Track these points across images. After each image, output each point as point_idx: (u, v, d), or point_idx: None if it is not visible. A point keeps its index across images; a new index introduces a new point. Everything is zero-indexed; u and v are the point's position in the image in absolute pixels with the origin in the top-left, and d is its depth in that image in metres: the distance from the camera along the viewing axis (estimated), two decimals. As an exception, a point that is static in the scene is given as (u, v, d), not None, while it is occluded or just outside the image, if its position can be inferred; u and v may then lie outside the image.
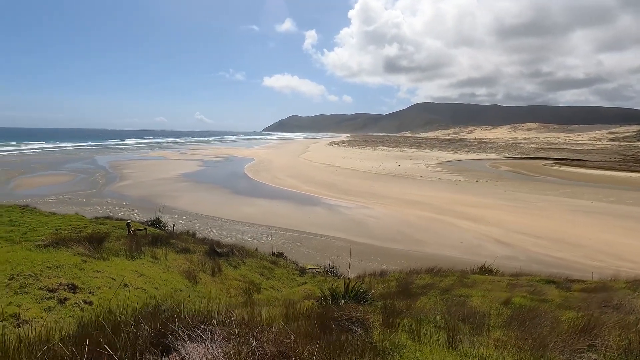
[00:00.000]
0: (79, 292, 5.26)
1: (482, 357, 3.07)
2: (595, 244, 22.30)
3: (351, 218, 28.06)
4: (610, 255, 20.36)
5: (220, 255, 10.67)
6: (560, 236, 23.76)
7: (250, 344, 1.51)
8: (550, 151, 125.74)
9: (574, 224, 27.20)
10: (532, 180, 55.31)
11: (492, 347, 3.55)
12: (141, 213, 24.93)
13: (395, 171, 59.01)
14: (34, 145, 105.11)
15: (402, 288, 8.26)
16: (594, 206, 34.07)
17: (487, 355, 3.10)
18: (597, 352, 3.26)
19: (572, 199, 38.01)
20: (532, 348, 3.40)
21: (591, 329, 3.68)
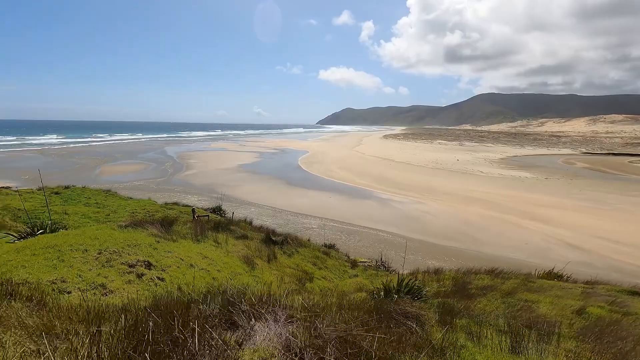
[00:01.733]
0: (153, 269, 5.83)
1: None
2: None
3: (404, 213, 27.38)
4: None
5: (275, 243, 11.09)
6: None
7: (315, 327, 1.56)
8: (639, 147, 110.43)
9: (666, 230, 23.75)
10: (614, 179, 49.18)
11: (563, 358, 3.28)
12: (204, 200, 26.76)
13: (453, 166, 56.15)
14: (117, 137, 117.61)
15: (459, 288, 7.90)
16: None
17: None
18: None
19: (665, 201, 33.13)
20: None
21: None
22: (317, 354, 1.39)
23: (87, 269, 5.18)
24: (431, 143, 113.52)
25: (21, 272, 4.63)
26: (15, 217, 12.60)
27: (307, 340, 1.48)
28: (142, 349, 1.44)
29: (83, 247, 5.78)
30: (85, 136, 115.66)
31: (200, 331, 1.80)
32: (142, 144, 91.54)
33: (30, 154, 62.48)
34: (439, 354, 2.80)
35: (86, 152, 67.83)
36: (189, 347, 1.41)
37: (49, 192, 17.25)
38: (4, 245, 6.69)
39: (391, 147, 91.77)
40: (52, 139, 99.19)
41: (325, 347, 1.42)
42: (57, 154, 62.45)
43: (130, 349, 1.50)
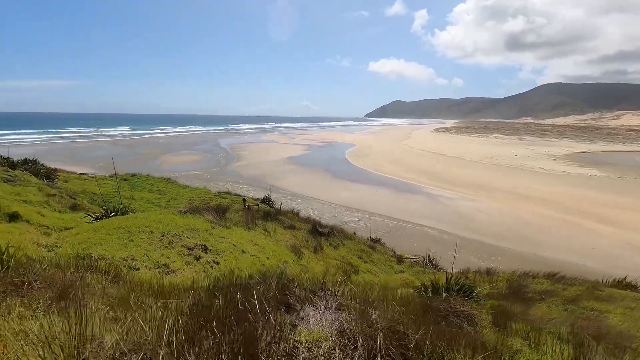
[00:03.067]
0: (209, 253, 6.24)
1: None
2: None
3: (454, 210, 26.24)
4: None
5: (322, 234, 11.25)
6: None
7: (367, 316, 1.60)
8: None
9: None
10: None
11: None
12: (253, 190, 27.82)
13: (510, 162, 52.50)
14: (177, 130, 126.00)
15: (514, 291, 7.46)
16: None
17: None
18: None
19: None
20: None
21: None
22: (368, 341, 1.42)
23: (153, 249, 5.68)
24: (486, 137, 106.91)
25: (98, 249, 5.21)
26: (91, 200, 14.09)
27: (360, 327, 1.52)
28: (209, 322, 1.57)
29: (149, 229, 6.34)
30: (151, 128, 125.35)
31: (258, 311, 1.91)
32: (198, 136, 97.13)
33: (104, 144, 69.24)
34: (493, 357, 2.70)
35: (150, 143, 73.60)
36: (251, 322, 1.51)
37: (118, 179, 19.02)
38: (84, 224, 7.55)
39: (442, 141, 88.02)
40: (123, 131, 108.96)
41: (375, 335, 1.44)
42: (126, 145, 68.56)
43: (196, 322, 1.65)
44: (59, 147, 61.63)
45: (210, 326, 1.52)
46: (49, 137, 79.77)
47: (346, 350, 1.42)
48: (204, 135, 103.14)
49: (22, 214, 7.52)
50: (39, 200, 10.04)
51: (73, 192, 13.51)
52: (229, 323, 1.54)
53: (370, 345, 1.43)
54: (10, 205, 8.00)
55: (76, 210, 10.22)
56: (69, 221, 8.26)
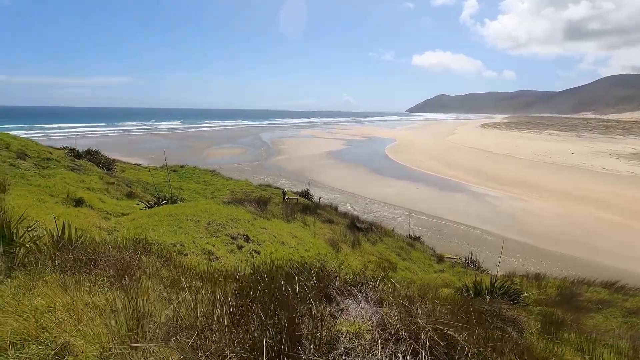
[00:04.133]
0: (250, 243, 6.48)
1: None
2: None
3: (501, 210, 24.91)
4: None
5: (360, 230, 11.22)
6: None
7: (410, 312, 1.59)
8: None
9: None
10: None
11: None
12: (293, 184, 28.30)
13: (566, 160, 48.67)
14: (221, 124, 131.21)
15: (566, 298, 6.98)
16: None
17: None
18: None
19: None
20: None
21: None
22: (411, 337, 1.41)
23: (199, 236, 6.01)
24: (539, 133, 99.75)
25: (152, 234, 5.61)
26: (144, 189, 15.13)
27: (402, 322, 1.51)
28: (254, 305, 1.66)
29: (196, 217, 6.70)
30: (199, 122, 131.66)
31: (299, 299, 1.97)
32: (241, 130, 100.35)
33: (156, 137, 73.80)
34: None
35: (197, 136, 77.29)
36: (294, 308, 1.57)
37: (169, 170, 20.23)
38: (138, 211, 8.14)
39: (489, 137, 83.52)
40: (173, 125, 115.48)
41: (419, 333, 1.43)
42: (176, 138, 72.60)
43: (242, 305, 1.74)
44: (117, 139, 66.72)
45: (255, 309, 1.60)
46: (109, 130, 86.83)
47: (387, 344, 1.43)
48: (247, 129, 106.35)
49: (86, 199, 8.27)
50: (100, 188, 10.98)
51: (129, 181, 14.59)
52: (272, 307, 1.61)
53: (413, 341, 1.42)
54: (76, 191, 8.83)
55: (131, 198, 11.05)
56: (125, 207, 8.96)
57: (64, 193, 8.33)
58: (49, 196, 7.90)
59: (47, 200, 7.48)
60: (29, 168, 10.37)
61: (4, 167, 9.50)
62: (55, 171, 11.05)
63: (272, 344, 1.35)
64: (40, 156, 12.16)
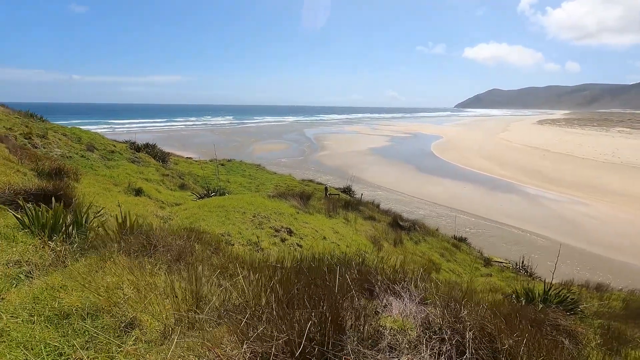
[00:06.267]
0: (293, 236, 6.63)
1: None
2: None
3: (558, 213, 23.08)
4: None
5: (402, 228, 11.02)
6: None
7: (455, 312, 1.56)
8: None
9: None
10: None
11: None
12: (335, 180, 28.37)
13: (637, 160, 43.81)
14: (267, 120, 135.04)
15: (634, 313, 6.34)
16: None
17: None
18: None
19: None
20: None
21: None
22: (456, 336, 1.39)
23: (245, 228, 6.27)
24: (606, 131, 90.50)
25: (202, 224, 5.96)
26: (195, 181, 16.05)
27: (448, 321, 1.49)
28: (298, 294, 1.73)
29: (242, 209, 7.00)
30: (248, 119, 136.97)
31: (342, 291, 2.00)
32: (287, 126, 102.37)
33: (207, 132, 77.67)
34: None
35: (244, 132, 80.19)
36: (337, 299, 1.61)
37: (217, 164, 21.23)
38: (190, 201, 8.66)
39: (547, 135, 77.40)
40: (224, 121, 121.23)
41: (464, 332, 1.40)
42: (225, 133, 75.92)
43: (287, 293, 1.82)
44: (172, 134, 71.15)
45: (300, 297, 1.66)
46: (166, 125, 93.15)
47: (432, 342, 1.42)
48: (292, 125, 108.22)
49: (145, 189, 8.96)
50: (157, 179, 11.83)
51: (181, 173, 15.55)
52: (316, 297, 1.66)
53: (458, 341, 1.40)
54: (136, 181, 9.60)
55: (184, 189, 11.78)
56: (178, 198, 9.58)
57: (126, 183, 9.10)
58: (113, 185, 8.67)
59: (112, 189, 8.22)
60: (97, 159, 11.44)
61: (76, 158, 10.58)
62: (119, 162, 12.09)
63: (316, 332, 1.40)
64: (106, 149, 13.35)
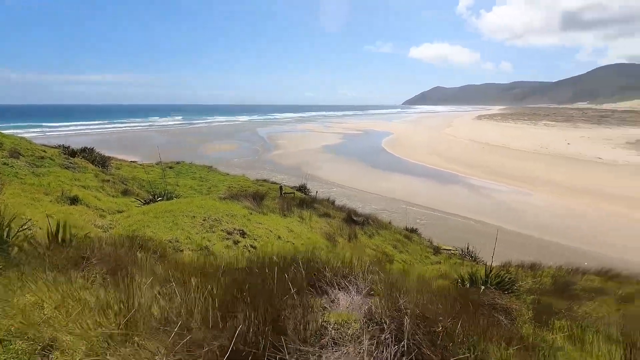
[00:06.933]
0: (247, 237, 6.49)
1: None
2: None
3: (499, 202, 25.04)
4: None
5: (356, 223, 11.26)
6: None
7: (396, 301, 1.61)
8: None
9: None
10: None
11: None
12: (290, 179, 28.28)
13: (563, 151, 48.83)
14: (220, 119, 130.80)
15: (560, 287, 7.07)
16: None
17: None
18: None
19: None
20: None
21: None
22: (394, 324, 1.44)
23: (195, 232, 6.01)
24: (535, 124, 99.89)
25: (147, 231, 5.61)
26: (140, 186, 15.09)
27: (388, 311, 1.54)
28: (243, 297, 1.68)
29: (192, 213, 6.70)
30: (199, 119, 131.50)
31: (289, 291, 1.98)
32: (239, 126, 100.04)
33: (154, 133, 73.41)
34: (530, 351, 2.60)
35: (195, 132, 77.06)
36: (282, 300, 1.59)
37: (165, 166, 20.16)
38: (134, 208, 8.12)
39: (486, 129, 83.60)
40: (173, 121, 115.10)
41: (402, 319, 1.46)
42: (174, 134, 72.37)
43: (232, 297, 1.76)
44: (114, 136, 66.29)
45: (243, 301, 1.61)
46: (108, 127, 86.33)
47: (373, 332, 1.46)
48: (244, 124, 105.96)
49: (81, 197, 8.24)
50: (95, 186, 10.94)
51: (124, 178, 14.54)
52: (262, 299, 1.63)
53: (397, 328, 1.45)
54: (71, 189, 8.80)
55: (127, 195, 11.02)
56: (121, 205, 8.94)
57: (58, 191, 8.30)
58: (44, 195, 7.87)
59: (42, 199, 7.45)
60: (23, 167, 10.31)
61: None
62: (50, 169, 10.99)
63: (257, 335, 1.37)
64: (34, 155, 12.08)
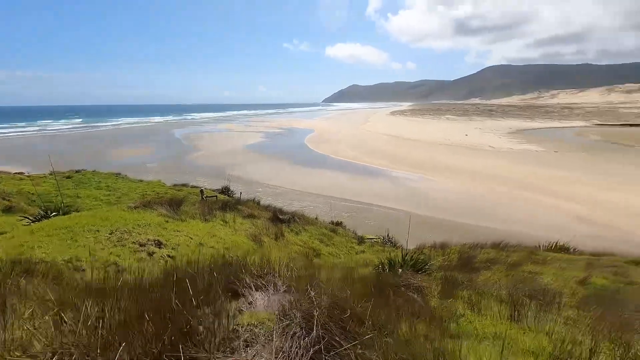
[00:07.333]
0: (163, 248, 6.02)
1: (549, 332, 2.92)
2: None
3: (413, 190, 27.36)
4: None
5: (282, 221, 11.26)
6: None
7: (308, 294, 1.64)
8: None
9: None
10: (628, 150, 48.07)
11: (561, 325, 3.35)
12: (212, 181, 27.04)
13: (462, 141, 55.39)
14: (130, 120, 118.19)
15: (464, 261, 7.99)
16: None
17: (554, 331, 2.94)
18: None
19: (680, 172, 32.44)
20: (611, 329, 3.12)
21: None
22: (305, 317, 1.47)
23: (100, 248, 5.37)
24: (439, 119, 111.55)
25: (37, 252, 4.83)
26: (29, 201, 12.96)
27: (300, 305, 1.56)
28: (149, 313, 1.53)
29: (95, 227, 5.97)
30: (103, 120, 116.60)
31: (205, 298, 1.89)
32: (151, 127, 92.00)
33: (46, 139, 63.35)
34: (437, 321, 2.89)
35: (99, 136, 68.59)
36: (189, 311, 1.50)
37: (60, 177, 17.62)
38: (20, 227, 6.94)
39: (399, 124, 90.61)
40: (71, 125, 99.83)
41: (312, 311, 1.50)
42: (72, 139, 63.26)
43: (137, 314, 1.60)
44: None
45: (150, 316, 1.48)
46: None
47: (284, 328, 1.46)
48: (158, 126, 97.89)
49: (-55, 220, 6.76)
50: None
51: (7, 194, 12.35)
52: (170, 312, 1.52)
53: (308, 321, 1.48)
54: None
55: (11, 213, 9.38)
56: (2, 225, 7.57)
57: None
58: None
59: None
60: None
61: None
62: None
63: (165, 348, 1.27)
64: None
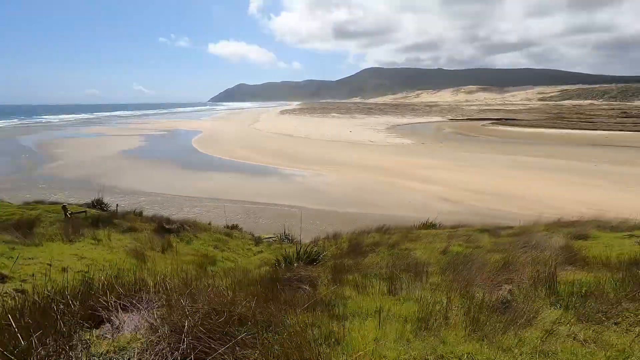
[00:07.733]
0: (8, 282, 4.86)
1: (418, 299, 3.39)
2: (527, 195, 24.87)
3: (305, 186, 28.36)
4: (538, 203, 22.83)
5: (170, 231, 10.36)
6: (497, 190, 26.12)
7: (180, 305, 1.53)
8: (488, 112, 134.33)
9: (509, 178, 29.96)
10: (472, 140, 59.28)
11: (428, 290, 3.93)
12: (79, 194, 23.07)
13: (347, 138, 59.86)
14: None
15: (353, 248, 8.68)
16: (526, 161, 37.62)
17: (422, 297, 3.43)
18: (512, 284, 3.75)
19: (507, 155, 41.60)
20: (461, 287, 3.81)
21: (510, 266, 4.20)
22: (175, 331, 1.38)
23: None
24: (325, 116, 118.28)
25: None
26: None
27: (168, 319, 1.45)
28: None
29: None
30: None
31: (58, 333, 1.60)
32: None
33: None
34: (327, 306, 3.06)
35: None
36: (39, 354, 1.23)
37: None
38: None
39: (289, 123, 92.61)
40: None
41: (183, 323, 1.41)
42: None
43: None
44: None
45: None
46: None
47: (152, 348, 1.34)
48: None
49: None
50: None
51: None
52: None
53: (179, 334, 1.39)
54: None
55: None
56: None
57: None
58: None
59: None
60: None
61: None
62: None
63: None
64: None
